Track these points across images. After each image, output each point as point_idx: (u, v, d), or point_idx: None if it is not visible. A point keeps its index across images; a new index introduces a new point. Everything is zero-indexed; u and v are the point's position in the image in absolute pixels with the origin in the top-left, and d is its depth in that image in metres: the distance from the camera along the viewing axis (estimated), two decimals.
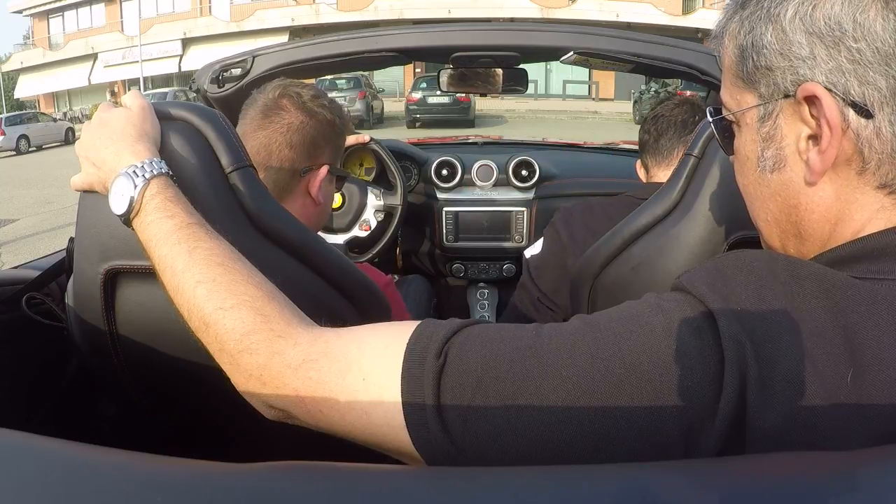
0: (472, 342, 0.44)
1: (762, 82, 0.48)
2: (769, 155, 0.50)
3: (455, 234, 1.75)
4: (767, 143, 0.50)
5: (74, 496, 0.34)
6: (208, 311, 0.49)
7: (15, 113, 19.30)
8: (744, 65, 0.50)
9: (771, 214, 0.52)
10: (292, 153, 0.87)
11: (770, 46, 0.47)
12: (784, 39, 0.46)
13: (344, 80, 15.53)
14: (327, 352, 0.46)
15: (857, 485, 0.30)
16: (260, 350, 0.47)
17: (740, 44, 0.50)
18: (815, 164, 0.46)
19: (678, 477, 0.34)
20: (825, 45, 0.44)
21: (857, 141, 0.44)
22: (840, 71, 0.44)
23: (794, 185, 0.48)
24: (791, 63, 0.46)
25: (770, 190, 0.51)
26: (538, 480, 0.34)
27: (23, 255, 4.71)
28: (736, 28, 0.50)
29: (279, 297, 0.52)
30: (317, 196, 0.91)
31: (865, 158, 0.44)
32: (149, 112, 0.64)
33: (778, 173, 0.49)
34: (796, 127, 0.47)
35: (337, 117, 0.91)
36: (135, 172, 0.57)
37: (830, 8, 0.44)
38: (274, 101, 0.88)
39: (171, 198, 0.57)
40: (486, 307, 1.95)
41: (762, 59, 0.48)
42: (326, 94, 0.93)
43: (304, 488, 0.35)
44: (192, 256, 0.52)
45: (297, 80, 0.93)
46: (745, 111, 0.51)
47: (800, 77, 0.45)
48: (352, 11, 21.53)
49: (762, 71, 0.48)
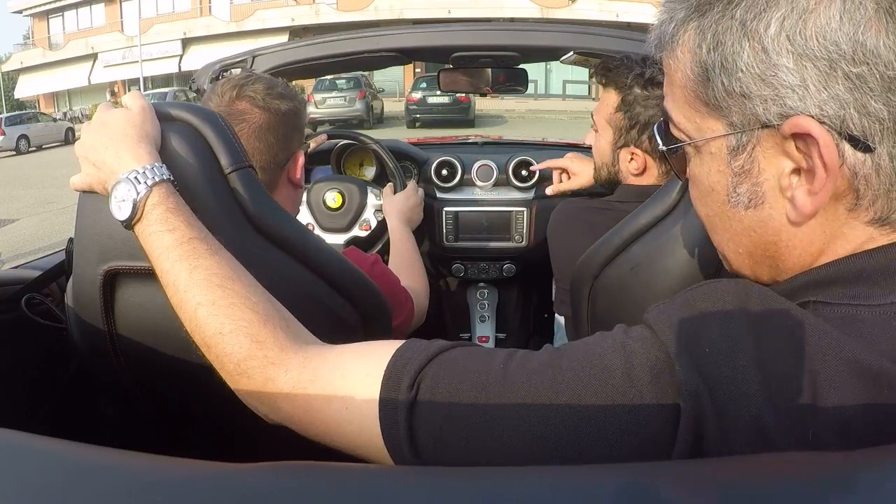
0: (442, 374, 0.44)
1: (735, 110, 0.41)
2: (743, 191, 0.43)
3: (455, 233, 1.75)
4: (741, 178, 0.43)
5: (74, 496, 0.34)
6: (208, 335, 0.52)
7: (15, 113, 19.30)
8: (709, 88, 0.41)
9: (743, 248, 0.46)
10: (269, 151, 0.88)
11: (748, 70, 0.39)
12: (766, 62, 0.38)
13: (344, 80, 15.52)
14: (314, 379, 0.48)
15: (857, 485, 0.30)
16: (255, 375, 0.50)
17: (702, 61, 0.41)
18: (804, 206, 0.40)
19: (678, 477, 0.34)
20: (819, 70, 0.37)
21: (853, 178, 0.38)
22: (837, 101, 0.37)
23: (774, 224, 0.42)
24: (776, 91, 0.38)
25: (743, 225, 0.45)
26: (538, 480, 0.34)
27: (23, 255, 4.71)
28: (694, 39, 0.41)
29: (274, 317, 0.53)
30: (298, 181, 0.93)
31: (860, 195, 0.39)
32: (149, 113, 0.64)
33: (754, 210, 0.43)
34: (778, 161, 0.40)
35: (295, 102, 0.91)
36: (136, 178, 0.57)
37: (826, 23, 0.36)
38: (230, 106, 0.86)
39: (173, 208, 0.57)
40: (486, 307, 1.95)
41: (735, 84, 0.40)
42: (273, 79, 0.91)
43: (304, 488, 0.35)
44: (192, 277, 0.53)
45: (238, 77, 0.90)
46: (710, 140, 0.43)
47: (788, 109, 0.38)
48: (352, 11, 21.52)
49: (735, 98, 0.40)
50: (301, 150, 0.93)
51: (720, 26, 0.39)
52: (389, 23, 19.38)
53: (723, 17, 0.39)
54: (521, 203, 1.73)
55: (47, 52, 27.40)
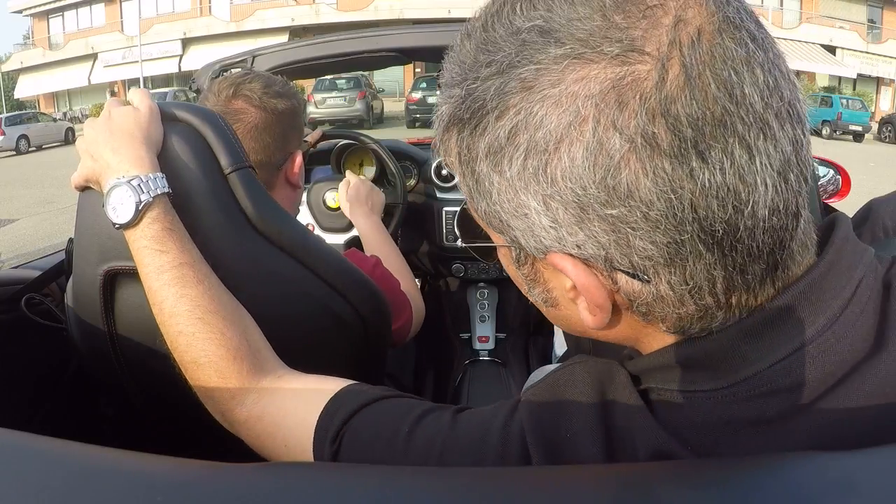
0: (361, 430, 0.47)
1: (504, 233, 0.39)
2: (537, 293, 0.42)
3: (455, 233, 1.75)
4: (532, 283, 0.42)
5: (75, 496, 0.34)
6: (185, 361, 0.57)
7: (15, 113, 19.31)
8: (475, 206, 0.39)
9: (562, 325, 0.45)
10: (265, 151, 0.87)
11: (499, 203, 0.36)
12: (514, 200, 0.35)
13: (344, 80, 15.54)
14: (262, 416, 0.54)
15: (857, 485, 0.30)
16: (218, 403, 0.57)
17: (465, 181, 0.39)
18: (588, 321, 0.39)
19: (678, 477, 0.34)
20: (569, 211, 0.34)
21: (633, 303, 0.37)
22: (594, 241, 0.34)
23: (578, 321, 0.41)
24: (529, 226, 0.36)
25: (552, 315, 0.44)
26: (538, 480, 0.34)
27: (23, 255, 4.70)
28: (459, 151, 0.38)
29: (242, 350, 0.57)
30: (296, 181, 0.92)
31: (646, 314, 0.37)
32: (156, 115, 0.64)
33: (554, 309, 0.43)
34: (558, 277, 0.39)
35: (293, 101, 0.90)
36: (140, 186, 0.57)
37: (570, 166, 0.32)
38: (227, 105, 0.85)
39: (169, 228, 0.58)
40: (486, 307, 1.95)
41: (494, 211, 0.37)
42: (272, 76, 0.90)
43: (304, 488, 0.35)
44: (178, 306, 0.57)
45: (236, 75, 0.90)
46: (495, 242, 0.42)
47: (543, 247, 0.36)
48: (352, 11, 21.53)
49: (497, 222, 0.38)
50: (299, 151, 0.93)
51: (472, 151, 0.36)
52: (389, 23, 19.38)
53: (472, 140, 0.36)
54: None
55: (47, 52, 27.41)
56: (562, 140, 0.33)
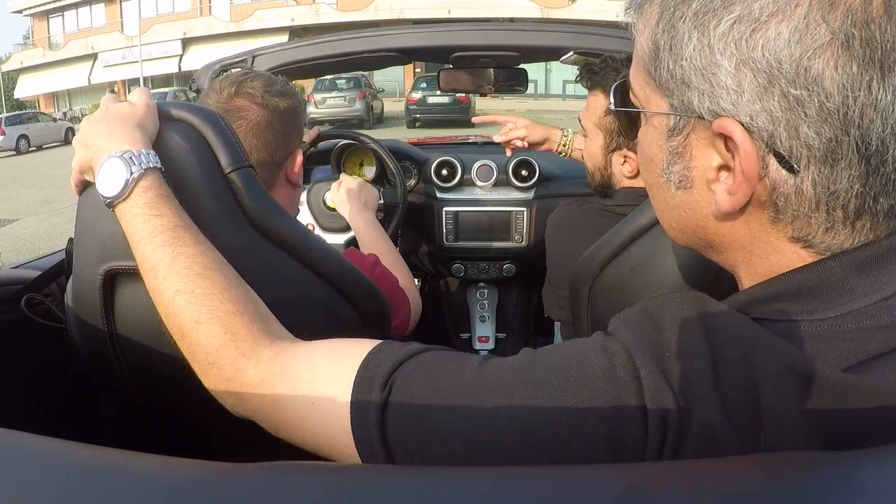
0: (417, 375, 0.43)
1: (675, 94, 0.41)
2: (675, 170, 0.44)
3: (455, 233, 1.75)
4: (675, 158, 0.43)
5: (75, 496, 0.34)
6: (185, 322, 0.51)
7: (15, 113, 19.31)
8: (656, 65, 0.42)
9: (675, 223, 0.47)
10: (267, 149, 0.87)
11: (691, 60, 0.39)
12: (708, 58, 0.38)
13: (344, 80, 15.53)
14: (284, 372, 0.48)
15: (857, 485, 0.30)
16: (225, 366, 0.50)
17: (655, 39, 0.42)
18: (722, 203, 0.40)
19: (678, 477, 0.34)
20: (757, 80, 0.37)
21: (773, 192, 0.39)
22: (769, 115, 0.37)
23: (701, 210, 0.43)
24: (712, 88, 0.39)
25: (675, 202, 0.45)
26: (538, 480, 0.34)
27: (23, 255, 4.71)
28: (654, 15, 0.42)
29: (251, 309, 0.53)
30: (296, 180, 0.92)
31: (779, 209, 0.39)
32: (152, 111, 0.64)
33: (684, 192, 0.44)
34: (707, 153, 0.41)
35: (294, 100, 0.90)
36: (131, 159, 0.57)
37: (774, 38, 0.36)
38: (229, 103, 0.85)
39: (163, 195, 0.57)
40: (486, 307, 1.95)
41: (678, 70, 0.40)
42: (273, 76, 0.91)
43: (304, 488, 0.35)
44: (175, 264, 0.53)
45: (237, 74, 0.89)
46: (654, 114, 0.44)
47: (719, 109, 0.39)
48: (352, 11, 21.53)
49: (677, 82, 0.41)
50: (300, 150, 0.93)
51: (677, 11, 0.40)
52: (389, 23, 19.38)
53: (682, 2, 0.40)
54: (521, 203, 1.73)
55: (47, 51, 27.42)
56: (774, 14, 0.36)
